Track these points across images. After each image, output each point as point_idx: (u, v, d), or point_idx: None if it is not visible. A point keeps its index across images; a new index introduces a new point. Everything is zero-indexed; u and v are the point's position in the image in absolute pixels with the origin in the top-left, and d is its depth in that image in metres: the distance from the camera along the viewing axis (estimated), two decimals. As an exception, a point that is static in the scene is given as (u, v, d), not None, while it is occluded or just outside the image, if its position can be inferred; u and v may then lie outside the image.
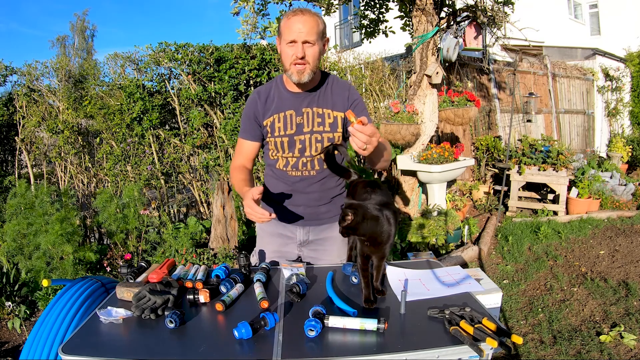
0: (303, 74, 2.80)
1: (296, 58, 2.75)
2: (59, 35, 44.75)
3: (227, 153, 7.70)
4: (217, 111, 7.61)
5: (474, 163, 9.49)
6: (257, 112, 2.99)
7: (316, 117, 2.94)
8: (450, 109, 7.72)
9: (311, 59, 2.78)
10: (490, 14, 7.50)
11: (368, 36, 9.03)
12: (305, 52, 2.75)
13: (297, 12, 2.76)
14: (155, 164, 7.73)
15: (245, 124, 3.05)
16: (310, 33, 2.72)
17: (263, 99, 3.00)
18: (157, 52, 7.37)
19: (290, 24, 2.74)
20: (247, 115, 3.03)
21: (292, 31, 2.72)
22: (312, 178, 3.02)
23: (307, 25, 2.71)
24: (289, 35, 2.73)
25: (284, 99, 2.97)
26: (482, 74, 12.26)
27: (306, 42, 2.73)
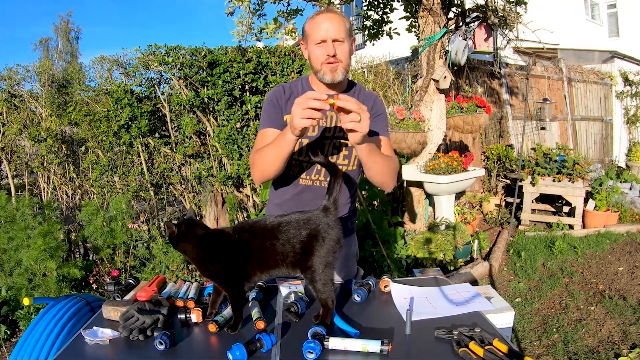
0: (336, 72, 2.81)
1: (328, 57, 2.77)
2: (42, 37, 44.88)
3: (221, 163, 7.71)
4: (210, 118, 7.62)
5: (485, 173, 9.51)
6: (281, 102, 2.97)
7: (339, 122, 2.90)
8: (459, 116, 7.74)
9: (343, 57, 2.80)
10: (501, 15, 7.49)
11: (371, 38, 9.03)
12: (336, 50, 2.77)
13: (322, 12, 2.80)
14: (144, 174, 7.74)
15: (270, 113, 2.96)
16: (338, 30, 2.75)
17: (287, 94, 2.99)
18: (146, 55, 7.38)
19: (317, 24, 2.77)
20: (271, 104, 2.97)
21: (320, 30, 2.75)
22: (322, 190, 2.98)
23: (334, 23, 2.74)
24: (317, 35, 2.76)
25: None
26: (493, 79, 12.28)
27: (336, 40, 2.75)
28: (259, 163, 2.81)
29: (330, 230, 2.27)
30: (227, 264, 2.25)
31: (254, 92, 7.67)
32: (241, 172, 7.31)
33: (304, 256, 2.24)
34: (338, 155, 2.96)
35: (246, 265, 2.26)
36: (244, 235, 2.28)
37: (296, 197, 3.03)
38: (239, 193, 7.79)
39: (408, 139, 7.17)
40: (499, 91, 12.43)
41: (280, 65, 7.59)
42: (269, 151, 2.72)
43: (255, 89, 7.64)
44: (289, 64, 7.60)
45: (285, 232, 2.25)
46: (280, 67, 7.58)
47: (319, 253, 2.23)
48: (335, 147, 2.94)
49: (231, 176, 7.43)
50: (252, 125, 7.38)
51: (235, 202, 7.38)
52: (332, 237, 2.26)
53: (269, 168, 2.77)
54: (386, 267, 6.63)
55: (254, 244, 2.26)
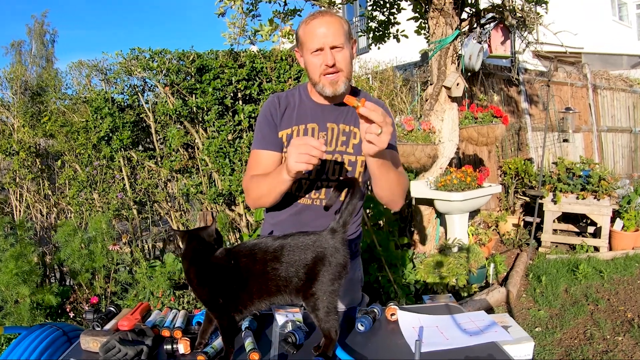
0: (337, 84, 2.77)
1: (326, 67, 2.72)
2: (14, 40, 44.86)
3: (211, 178, 7.71)
4: (199, 129, 7.63)
5: (501, 190, 9.53)
6: (276, 117, 2.93)
7: (341, 135, 2.91)
8: (473, 127, 7.75)
9: (343, 64, 2.75)
10: (520, 15, 7.46)
11: (376, 41, 9.06)
12: (335, 59, 2.72)
13: (316, 15, 2.75)
14: (126, 191, 7.74)
15: (264, 131, 2.94)
16: (337, 35, 2.70)
17: (283, 106, 2.96)
18: (128, 60, 7.39)
19: (312, 30, 2.73)
20: (265, 121, 2.95)
21: (316, 37, 2.71)
22: (322, 210, 2.86)
23: (331, 28, 2.70)
24: (313, 43, 2.72)
25: (306, 110, 2.95)
26: (511, 86, 12.31)
27: (334, 47, 2.71)
28: (253, 193, 2.85)
29: (337, 254, 2.26)
30: (220, 290, 2.24)
31: (247, 100, 7.68)
32: (233, 189, 7.30)
33: (307, 282, 2.23)
34: (340, 171, 2.93)
35: (242, 293, 2.25)
36: (241, 260, 2.26)
37: (294, 217, 2.99)
38: (231, 212, 7.79)
39: (417, 152, 7.17)
40: (517, 99, 12.45)
41: (276, 71, 7.60)
42: (264, 184, 2.75)
43: (249, 97, 7.65)
44: (285, 69, 7.60)
45: (289, 255, 2.24)
46: (277, 73, 7.58)
47: (324, 279, 2.22)
48: (337, 162, 2.91)
49: (222, 193, 7.43)
50: (245, 137, 7.38)
51: (227, 221, 7.38)
52: (338, 262, 2.25)
53: (264, 200, 2.82)
54: (393, 293, 6.62)
55: (254, 269, 2.25)
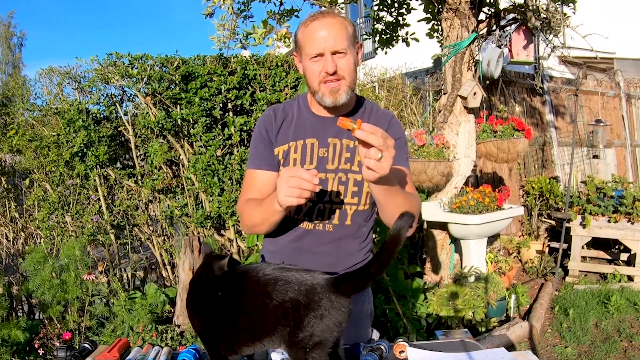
0: (338, 94, 2.75)
1: (326, 75, 2.70)
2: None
3: (198, 199, 7.71)
4: (184, 144, 7.63)
5: (524, 212, 9.53)
6: (271, 133, 2.93)
7: (345, 151, 2.90)
8: (492, 141, 7.76)
9: (346, 72, 2.73)
10: (544, 16, 7.43)
11: (383, 45, 9.07)
12: (337, 65, 2.70)
13: (317, 16, 2.73)
14: (102, 213, 7.74)
15: (258, 149, 2.94)
16: (338, 39, 2.68)
17: (279, 120, 2.95)
18: (105, 66, 7.39)
19: (311, 33, 2.71)
20: (260, 137, 2.95)
21: (316, 41, 2.69)
22: (326, 235, 2.92)
23: (333, 30, 2.68)
24: (313, 47, 2.70)
25: (305, 123, 2.94)
26: (534, 95, 12.34)
27: (336, 52, 2.69)
28: (247, 220, 2.86)
29: (333, 310, 2.14)
30: (208, 323, 2.24)
31: (238, 111, 7.69)
32: (223, 211, 7.29)
33: (294, 329, 2.14)
34: (345, 193, 2.90)
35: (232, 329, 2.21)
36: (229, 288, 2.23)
37: (295, 243, 2.96)
38: (220, 237, 7.79)
39: (429, 169, 7.18)
40: (541, 111, 12.48)
41: (271, 78, 7.61)
42: (257, 213, 2.76)
43: (240, 108, 7.66)
44: (281, 76, 7.61)
45: (282, 293, 2.14)
46: (271, 81, 7.59)
47: (313, 330, 2.13)
48: (342, 182, 2.89)
49: (210, 216, 7.42)
50: (236, 153, 7.38)
51: (216, 247, 7.38)
52: (333, 319, 2.14)
53: (258, 229, 2.84)
54: (402, 328, 6.61)
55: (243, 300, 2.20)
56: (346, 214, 2.93)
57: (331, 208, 2.90)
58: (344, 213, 2.92)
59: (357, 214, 2.96)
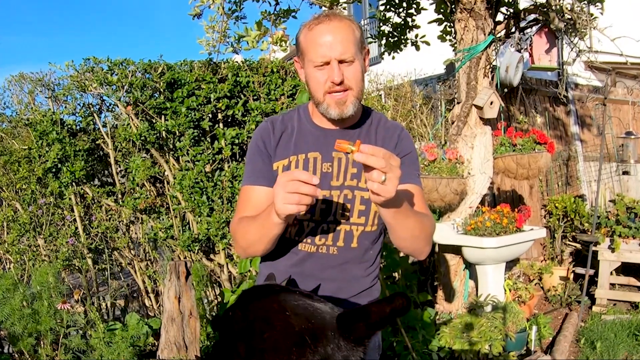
0: (345, 105, 2.73)
1: (332, 85, 2.68)
2: (-59, 48, 45.16)
3: (185, 220, 7.68)
4: (169, 159, 7.60)
5: (546, 235, 9.50)
6: (270, 146, 2.91)
7: (351, 165, 2.87)
8: (510, 156, 7.73)
9: (353, 81, 2.71)
10: (569, 17, 7.33)
11: (390, 49, 9.04)
12: (343, 75, 2.67)
13: (322, 20, 2.71)
14: (79, 235, 7.72)
15: (255, 163, 2.92)
16: (346, 46, 2.66)
17: (278, 132, 2.93)
18: (82, 73, 7.37)
19: (316, 38, 2.69)
20: (257, 151, 2.92)
21: (321, 47, 2.66)
22: (331, 259, 2.89)
23: (339, 35, 2.66)
24: (317, 55, 2.68)
25: (307, 136, 2.93)
26: (558, 105, 12.33)
27: (342, 60, 2.67)
28: (242, 240, 2.79)
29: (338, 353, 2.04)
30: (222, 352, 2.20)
31: (229, 123, 7.67)
32: (212, 233, 7.25)
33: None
34: (351, 212, 2.87)
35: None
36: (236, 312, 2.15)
37: (296, 267, 2.92)
38: (209, 261, 7.76)
39: (441, 187, 7.15)
40: (565, 122, 12.48)
41: (265, 86, 7.58)
42: (253, 229, 2.70)
43: (232, 119, 7.64)
44: (277, 84, 7.58)
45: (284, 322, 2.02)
46: (266, 89, 7.56)
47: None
48: (347, 200, 2.86)
49: (198, 238, 7.38)
50: (227, 169, 7.35)
51: (205, 273, 7.35)
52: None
53: (255, 248, 2.76)
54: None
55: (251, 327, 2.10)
56: (352, 235, 2.89)
57: (336, 229, 2.86)
58: (350, 234, 2.89)
59: (364, 236, 2.92)
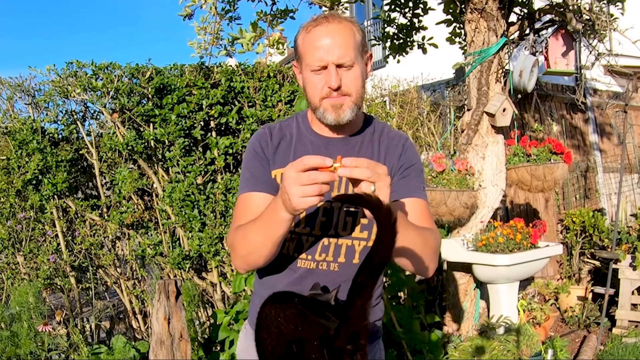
0: (342, 110, 2.73)
1: (329, 90, 2.68)
2: None
3: (175, 236, 7.67)
4: (158, 170, 7.59)
5: (562, 251, 9.50)
6: (268, 152, 2.90)
7: None
8: (524, 167, 7.71)
9: (352, 88, 2.72)
10: (587, 18, 7.27)
11: (396, 52, 9.03)
12: (341, 79, 2.68)
13: (320, 21, 2.72)
14: (61, 252, 7.71)
15: (253, 169, 2.90)
16: (344, 48, 2.66)
17: (276, 139, 2.93)
18: (64, 77, 7.36)
19: (313, 40, 2.70)
20: (254, 156, 2.91)
21: (318, 50, 2.67)
22: (332, 276, 2.86)
23: (338, 38, 2.67)
24: (314, 58, 2.69)
25: (307, 144, 2.92)
26: (575, 112, 12.33)
27: (341, 65, 2.67)
28: (241, 247, 2.73)
29: None
30: None
31: (222, 131, 7.66)
32: (204, 250, 7.22)
33: None
34: (353, 226, 2.86)
35: None
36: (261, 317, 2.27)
37: (295, 286, 2.86)
38: (201, 280, 7.75)
39: (450, 200, 7.14)
40: (583, 130, 12.48)
41: (261, 92, 7.56)
42: (254, 231, 2.64)
43: (225, 128, 7.63)
44: (274, 90, 7.56)
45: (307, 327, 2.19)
46: (262, 95, 7.54)
47: None
48: (349, 214, 2.85)
49: (189, 255, 7.36)
50: (220, 181, 7.34)
51: (196, 293, 7.33)
52: None
53: (255, 254, 2.70)
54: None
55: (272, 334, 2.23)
56: (354, 250, 2.88)
57: (337, 243, 2.85)
58: (352, 250, 2.88)
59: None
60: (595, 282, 11.17)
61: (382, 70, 14.32)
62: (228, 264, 7.30)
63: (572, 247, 11.30)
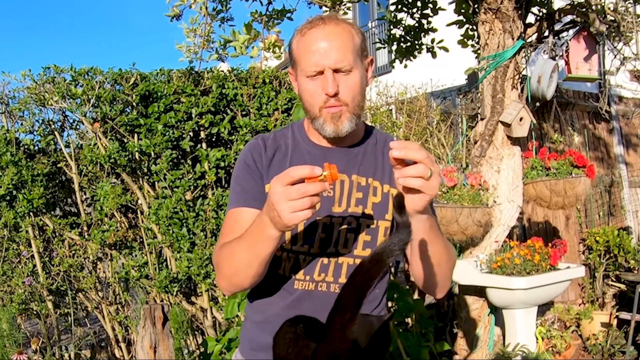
0: (340, 121, 2.71)
1: (326, 98, 2.66)
2: None
3: (162, 256, 7.66)
4: (143, 185, 7.59)
5: (585, 274, 9.50)
6: (261, 164, 2.87)
7: (355, 190, 2.84)
8: (543, 181, 7.70)
9: (349, 95, 2.69)
10: (612, 18, 7.20)
11: (403, 56, 9.00)
12: (339, 86, 2.65)
13: (316, 23, 2.71)
14: (37, 274, 7.71)
15: (245, 183, 2.87)
16: (342, 52, 2.64)
17: (270, 151, 2.91)
18: (41, 84, 7.35)
19: (308, 44, 2.68)
20: (247, 169, 2.88)
21: (314, 55, 2.65)
22: (332, 297, 2.62)
23: (335, 41, 2.65)
24: (309, 63, 2.67)
25: (304, 156, 2.90)
26: (598, 121, 12.32)
27: (338, 69, 2.65)
28: (226, 266, 2.69)
29: None
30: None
31: (213, 143, 7.66)
32: (193, 272, 7.21)
33: None
34: (355, 243, 2.83)
35: None
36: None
37: (291, 310, 2.82)
38: (191, 305, 7.74)
39: (462, 218, 7.12)
40: (607, 141, 12.46)
41: (256, 99, 7.56)
42: (241, 249, 2.60)
43: (217, 139, 7.63)
44: (270, 97, 7.54)
45: None
46: (257, 103, 7.54)
47: None
48: (351, 230, 2.82)
49: (177, 278, 7.35)
50: (211, 196, 7.33)
51: (185, 319, 7.33)
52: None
53: (241, 274, 2.66)
54: None
55: None
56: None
57: (337, 262, 2.82)
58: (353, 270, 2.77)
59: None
60: (621, 307, 11.14)
61: (387, 76, 14.32)
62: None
63: (595, 268, 11.29)
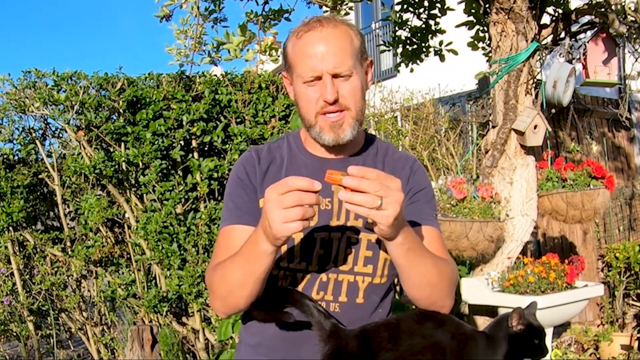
0: (342, 129, 2.69)
1: (325, 104, 2.64)
2: None
3: (150, 273, 7.64)
4: (131, 197, 7.56)
5: (604, 292, 9.48)
6: (254, 178, 2.85)
7: None
8: (559, 193, 7.67)
9: (351, 100, 2.67)
10: (632, 19, 7.16)
11: (408, 59, 8.96)
12: (338, 92, 2.63)
13: (313, 25, 2.68)
14: (17, 293, 7.69)
15: (238, 199, 2.85)
16: (341, 56, 2.62)
17: (265, 163, 2.89)
18: (21, 89, 7.34)
19: (305, 47, 2.66)
20: (240, 183, 2.86)
21: (311, 59, 2.63)
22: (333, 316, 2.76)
23: (333, 44, 2.63)
24: (306, 68, 2.65)
25: (300, 167, 2.87)
26: (618, 129, 12.30)
27: (337, 75, 2.62)
28: (220, 287, 2.67)
29: None
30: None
31: (206, 152, 7.64)
32: (185, 290, 7.18)
33: None
34: (356, 259, 2.80)
35: None
36: None
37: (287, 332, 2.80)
38: (181, 326, 7.72)
39: (472, 233, 7.08)
40: (627, 151, 12.44)
41: (251, 105, 7.53)
42: (234, 268, 2.58)
43: (209, 148, 7.61)
44: (266, 103, 7.52)
45: None
46: (252, 110, 7.51)
47: None
48: (351, 244, 2.80)
49: (167, 297, 7.32)
50: (203, 210, 7.31)
51: (175, 341, 7.30)
52: None
53: (235, 295, 2.63)
54: None
55: None
56: (357, 288, 2.82)
57: (337, 279, 2.80)
58: (355, 287, 2.82)
59: (371, 289, 2.85)
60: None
61: (392, 81, 14.31)
62: (212, 307, 7.24)
63: (615, 287, 11.26)
